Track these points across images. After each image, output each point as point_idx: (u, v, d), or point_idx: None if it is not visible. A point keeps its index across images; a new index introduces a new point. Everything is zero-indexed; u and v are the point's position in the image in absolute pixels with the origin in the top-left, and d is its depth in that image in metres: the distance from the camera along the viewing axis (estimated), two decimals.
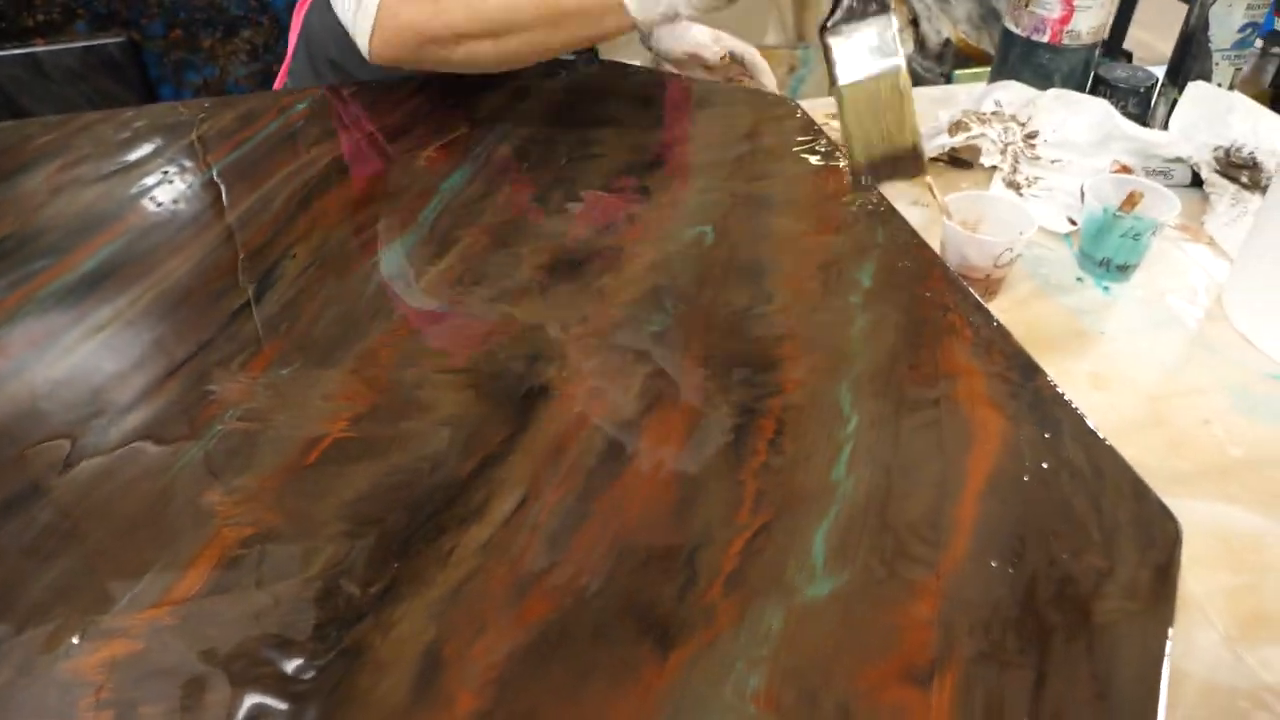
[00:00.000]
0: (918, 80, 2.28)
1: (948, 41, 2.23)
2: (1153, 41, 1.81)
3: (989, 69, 2.13)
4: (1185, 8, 0.93)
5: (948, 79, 2.22)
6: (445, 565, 0.39)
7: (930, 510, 0.43)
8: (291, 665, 0.36)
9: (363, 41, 0.70)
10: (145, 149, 0.72)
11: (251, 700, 0.35)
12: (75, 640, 0.37)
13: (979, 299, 0.57)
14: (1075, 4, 0.88)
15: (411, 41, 0.69)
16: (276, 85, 0.97)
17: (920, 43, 2.24)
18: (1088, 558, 0.42)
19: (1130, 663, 0.38)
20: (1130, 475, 0.46)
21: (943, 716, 0.35)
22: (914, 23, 2.21)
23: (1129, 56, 1.69)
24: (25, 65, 1.63)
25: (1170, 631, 0.39)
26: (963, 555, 0.41)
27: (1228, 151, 0.86)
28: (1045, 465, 0.46)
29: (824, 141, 0.74)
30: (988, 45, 2.22)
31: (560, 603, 0.38)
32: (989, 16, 2.20)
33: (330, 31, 0.82)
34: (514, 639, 0.37)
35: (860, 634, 0.38)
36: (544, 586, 0.39)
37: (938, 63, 2.27)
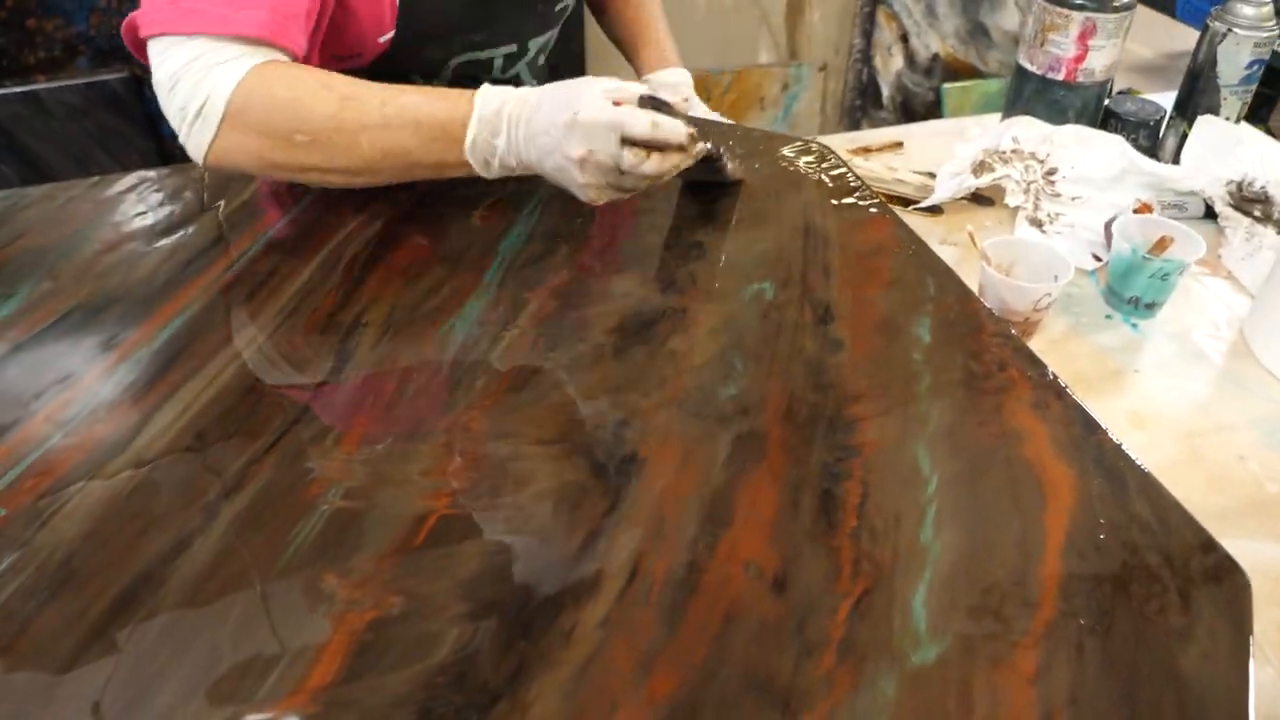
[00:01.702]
0: (908, 94, 2.32)
1: (936, 56, 2.27)
2: (1131, 46, 1.86)
3: (976, 81, 2.16)
4: (1159, 15, 0.96)
5: (936, 92, 2.26)
6: (569, 644, 0.41)
7: (1016, 570, 0.46)
8: None
9: (196, 153, 0.65)
10: (194, 210, 0.73)
11: None
12: None
13: (1031, 350, 0.60)
14: (1090, 44, 0.92)
15: (254, 165, 0.66)
16: None
17: (910, 58, 2.28)
18: (1167, 612, 0.44)
19: (1218, 711, 0.41)
20: (1195, 527, 0.49)
21: None
22: (904, 39, 2.25)
23: None
24: (27, 102, 1.62)
25: (1252, 678, 0.42)
26: (1052, 614, 0.44)
27: (1240, 185, 0.89)
28: (1117, 521, 0.48)
29: (866, 190, 0.76)
30: (975, 59, 2.26)
31: (684, 677, 0.40)
32: (976, 31, 2.25)
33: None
34: (646, 717, 0.38)
35: (968, 697, 0.40)
36: (666, 661, 0.41)
37: (926, 77, 2.31)
